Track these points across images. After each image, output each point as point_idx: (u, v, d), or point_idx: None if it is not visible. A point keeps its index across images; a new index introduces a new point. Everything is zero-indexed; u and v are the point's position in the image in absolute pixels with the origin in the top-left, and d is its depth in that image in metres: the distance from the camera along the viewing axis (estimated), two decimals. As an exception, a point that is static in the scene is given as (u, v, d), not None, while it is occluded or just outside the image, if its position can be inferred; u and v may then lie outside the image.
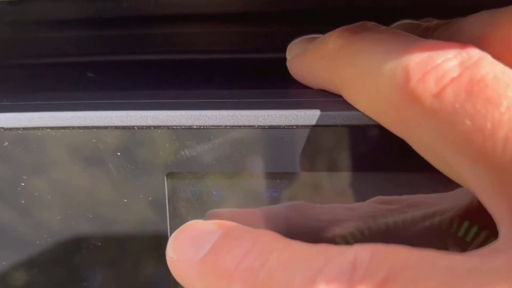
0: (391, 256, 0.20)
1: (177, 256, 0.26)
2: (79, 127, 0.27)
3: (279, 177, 0.27)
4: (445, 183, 0.25)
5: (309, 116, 0.26)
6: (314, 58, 0.29)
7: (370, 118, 0.26)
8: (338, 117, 0.26)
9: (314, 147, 0.26)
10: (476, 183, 0.23)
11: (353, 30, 0.28)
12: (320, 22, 0.37)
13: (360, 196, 0.27)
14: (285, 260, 0.23)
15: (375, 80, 0.25)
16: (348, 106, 0.27)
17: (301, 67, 0.30)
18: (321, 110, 0.26)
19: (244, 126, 0.26)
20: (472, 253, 0.20)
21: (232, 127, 0.27)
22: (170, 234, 0.27)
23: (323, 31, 0.30)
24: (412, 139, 0.25)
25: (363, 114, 0.26)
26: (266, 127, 0.26)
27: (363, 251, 0.21)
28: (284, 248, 0.23)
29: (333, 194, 0.27)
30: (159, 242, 0.28)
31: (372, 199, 0.27)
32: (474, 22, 0.27)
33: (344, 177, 0.27)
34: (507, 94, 0.22)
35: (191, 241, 0.26)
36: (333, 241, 0.27)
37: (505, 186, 0.22)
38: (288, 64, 0.32)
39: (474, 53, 0.23)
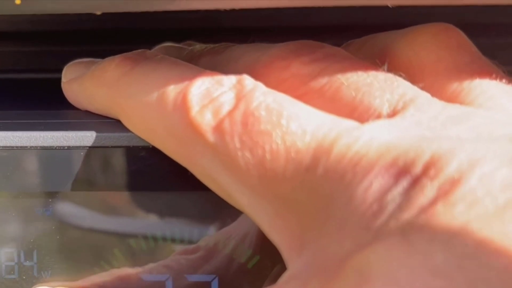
0: None
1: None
2: None
3: (51, 196, 0.28)
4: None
5: (79, 137, 0.27)
6: (92, 85, 0.29)
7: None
8: (110, 138, 0.27)
9: (86, 168, 0.27)
10: (260, 215, 0.24)
11: (133, 58, 0.28)
12: (103, 43, 0.38)
13: (136, 214, 0.28)
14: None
15: (156, 111, 0.25)
16: (123, 128, 0.28)
17: (78, 93, 0.30)
18: (96, 132, 0.27)
19: (17, 147, 0.27)
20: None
21: (5, 147, 0.27)
22: None
23: (103, 52, 0.30)
24: (195, 169, 0.25)
25: (136, 136, 0.27)
26: (38, 147, 0.27)
27: None
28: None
29: (108, 212, 0.28)
30: None
31: (176, 252, 0.28)
32: (249, 52, 0.28)
33: (118, 196, 0.28)
34: (280, 122, 0.22)
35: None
36: None
37: (286, 214, 0.22)
38: (63, 87, 0.31)
39: (248, 83, 0.24)
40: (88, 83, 0.29)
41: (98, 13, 0.24)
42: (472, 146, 0.20)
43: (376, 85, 0.24)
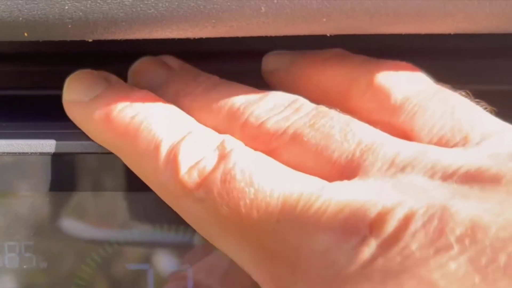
0: None
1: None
2: None
3: (53, 195, 0.31)
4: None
5: (71, 146, 0.31)
6: (93, 123, 0.30)
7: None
8: (78, 146, 0.31)
9: (79, 171, 0.31)
10: (241, 258, 0.27)
11: (131, 107, 0.30)
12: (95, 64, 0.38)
13: (105, 214, 0.32)
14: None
15: (148, 162, 0.28)
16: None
17: (79, 120, 0.32)
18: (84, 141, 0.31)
19: (19, 153, 0.31)
20: None
21: (8, 154, 0.31)
22: None
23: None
24: (184, 216, 0.29)
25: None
26: (38, 153, 0.31)
27: None
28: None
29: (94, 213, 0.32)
30: None
31: None
32: (230, 100, 0.30)
33: (95, 197, 0.32)
34: (253, 181, 0.26)
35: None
36: None
37: (264, 260, 0.26)
38: (65, 104, 0.32)
39: (228, 145, 0.27)
40: (89, 119, 0.31)
41: (90, 40, 0.27)
42: (409, 203, 0.23)
43: (332, 139, 0.27)
